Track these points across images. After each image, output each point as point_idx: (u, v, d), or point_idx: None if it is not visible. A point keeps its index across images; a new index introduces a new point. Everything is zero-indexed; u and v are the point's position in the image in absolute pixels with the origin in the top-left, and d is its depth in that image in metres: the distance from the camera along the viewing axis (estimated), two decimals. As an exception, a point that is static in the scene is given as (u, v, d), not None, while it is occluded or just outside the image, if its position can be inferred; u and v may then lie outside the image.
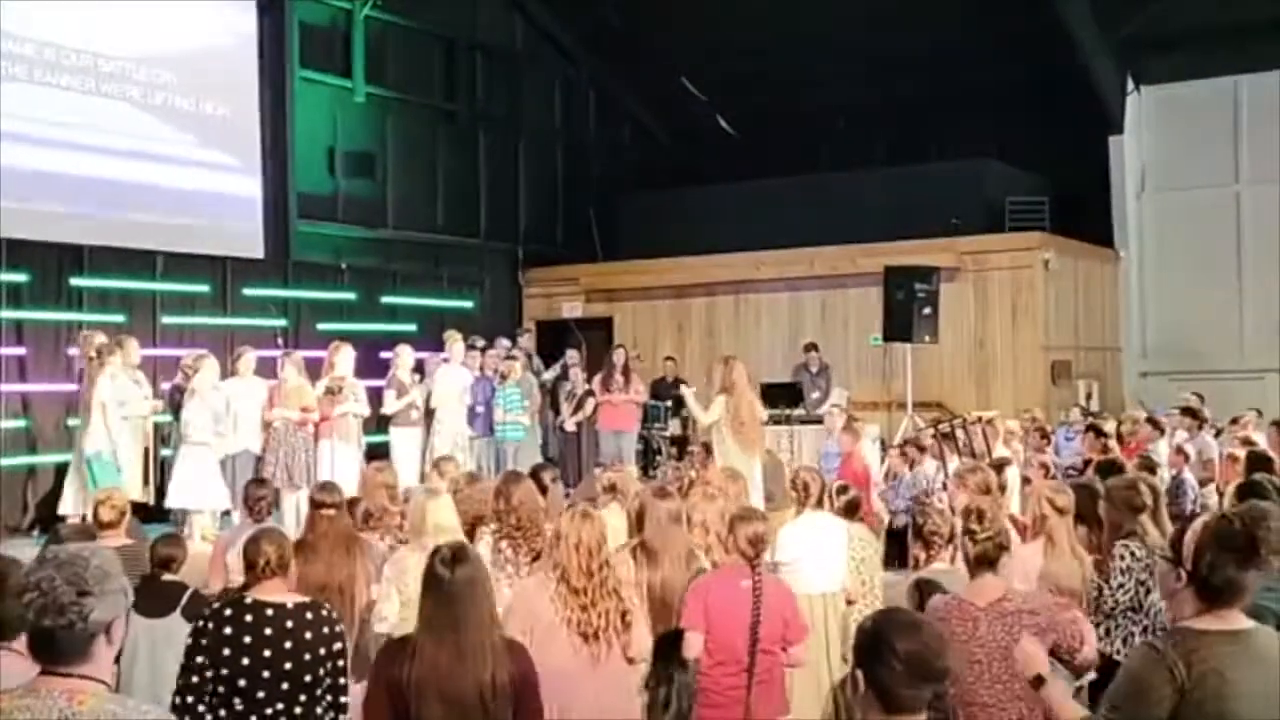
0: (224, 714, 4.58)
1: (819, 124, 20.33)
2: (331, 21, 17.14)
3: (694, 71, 20.47)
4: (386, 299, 16.86)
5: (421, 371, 13.81)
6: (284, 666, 4.58)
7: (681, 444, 15.93)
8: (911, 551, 8.22)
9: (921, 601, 5.22)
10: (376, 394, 12.89)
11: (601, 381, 14.59)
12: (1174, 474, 10.10)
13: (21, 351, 12.55)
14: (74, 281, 13.10)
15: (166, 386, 11.88)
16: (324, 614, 4.77)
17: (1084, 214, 18.59)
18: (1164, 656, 3.26)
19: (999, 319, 16.87)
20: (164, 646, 5.69)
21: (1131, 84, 18.96)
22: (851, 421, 13.58)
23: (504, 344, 15.34)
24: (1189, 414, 12.37)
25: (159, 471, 11.56)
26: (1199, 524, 3.46)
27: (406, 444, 12.74)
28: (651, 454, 15.85)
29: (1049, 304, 16.93)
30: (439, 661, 3.99)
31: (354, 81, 17.13)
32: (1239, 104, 18.37)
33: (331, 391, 11.71)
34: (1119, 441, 11.72)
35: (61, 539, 7.70)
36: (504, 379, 13.51)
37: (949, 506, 6.88)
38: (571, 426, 14.96)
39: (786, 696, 5.74)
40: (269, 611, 4.66)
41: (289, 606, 4.71)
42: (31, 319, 12.71)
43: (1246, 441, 10.42)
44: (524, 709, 4.15)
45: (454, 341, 13.78)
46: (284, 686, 4.57)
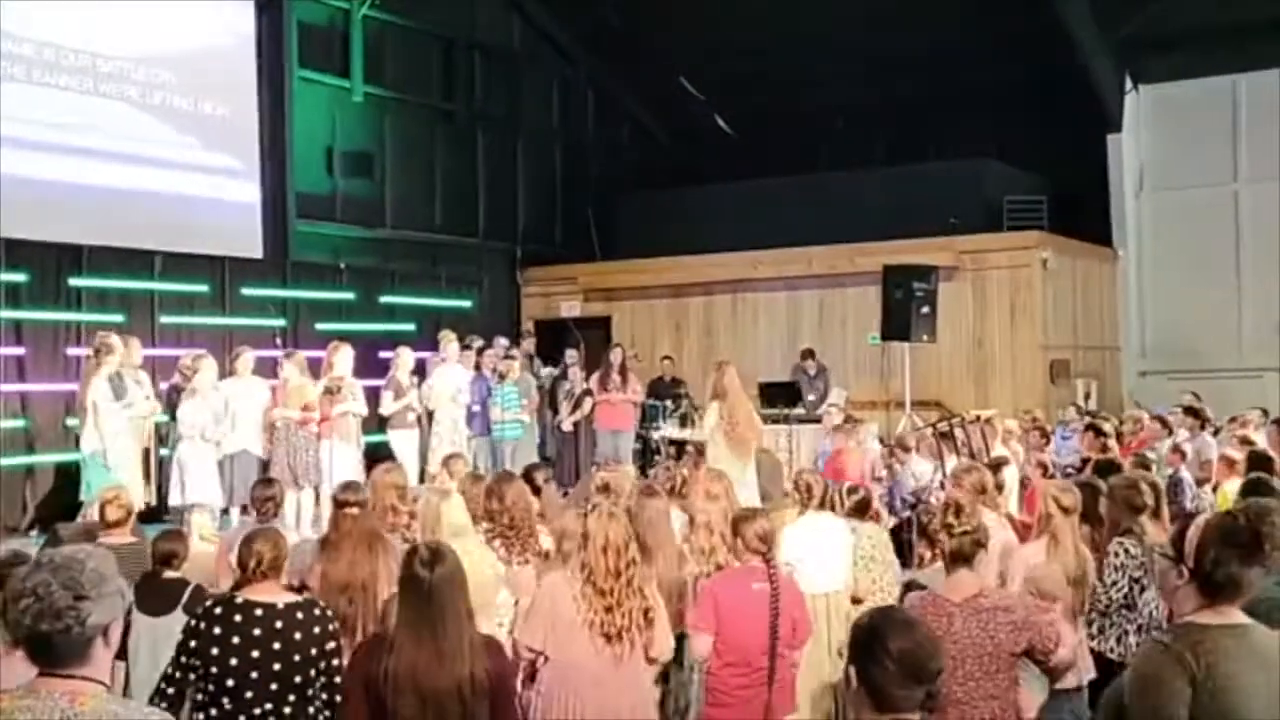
0: (214, 713, 4.59)
1: (817, 123, 20.34)
2: (330, 21, 17.15)
3: (692, 71, 20.47)
4: (385, 299, 16.85)
5: (421, 373, 13.80)
6: (272, 667, 4.57)
7: (680, 444, 15.93)
8: (916, 550, 8.22)
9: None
10: (375, 394, 12.89)
11: (599, 381, 14.59)
12: (1171, 472, 10.11)
13: (20, 351, 12.53)
14: (73, 281, 13.07)
15: (165, 386, 11.86)
16: (316, 614, 4.75)
17: (1082, 213, 18.60)
18: (1172, 651, 3.25)
19: (997, 318, 16.87)
20: (166, 644, 5.66)
21: (1130, 83, 18.96)
22: (850, 421, 13.62)
23: (502, 343, 15.34)
24: (1191, 413, 12.37)
25: (158, 471, 11.54)
26: (1201, 520, 3.45)
27: (404, 445, 12.74)
28: (650, 453, 15.84)
29: (1047, 303, 16.93)
30: (417, 659, 4.00)
31: (352, 81, 17.15)
32: (1237, 103, 18.39)
33: (330, 391, 11.71)
34: (1118, 441, 11.71)
35: (60, 540, 7.73)
36: (502, 378, 13.51)
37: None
38: (569, 426, 14.96)
39: (795, 696, 5.76)
40: (258, 612, 4.65)
41: (279, 607, 4.69)
42: (30, 319, 12.68)
43: (1245, 441, 10.41)
44: (499, 705, 4.17)
45: (449, 341, 13.77)
46: (272, 687, 4.57)
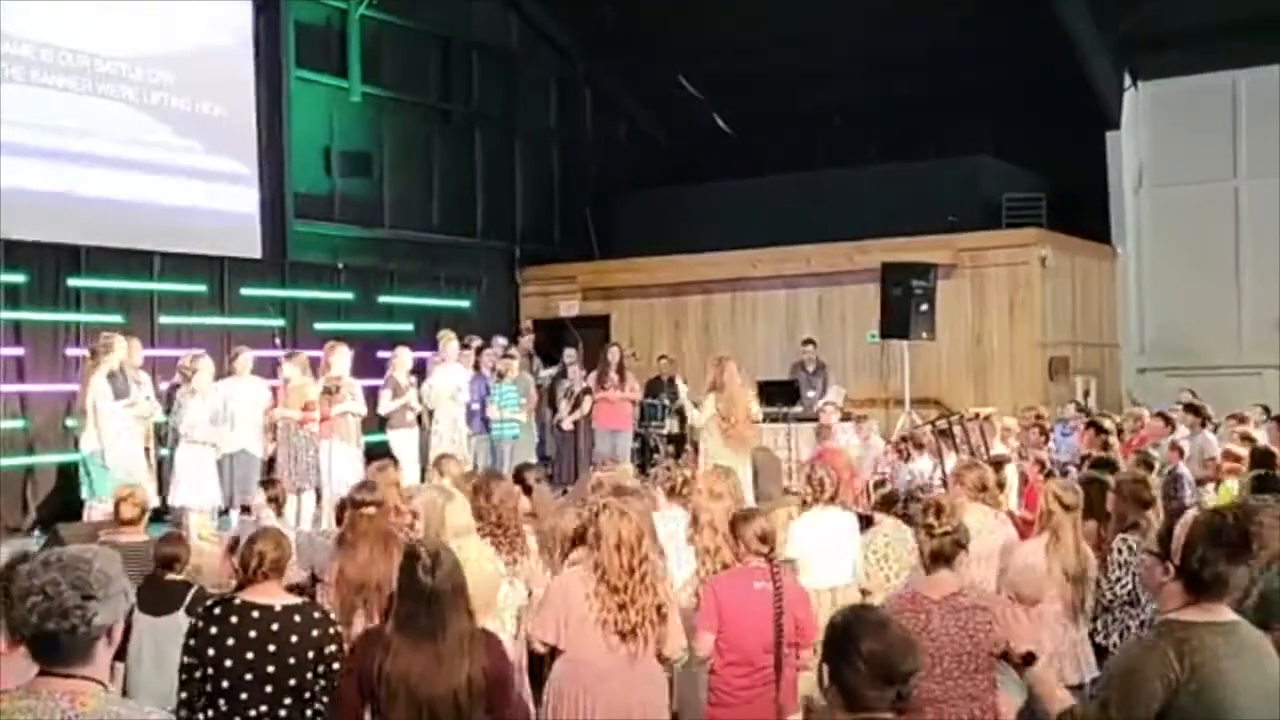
0: (210, 714, 4.59)
1: (816, 122, 20.34)
2: (327, 21, 17.13)
3: (691, 70, 20.45)
4: (383, 298, 16.83)
5: (420, 373, 13.80)
6: (267, 669, 4.56)
7: (679, 442, 15.93)
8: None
9: None
10: (374, 393, 12.89)
11: (596, 380, 14.59)
12: (1170, 469, 10.11)
13: (20, 352, 12.52)
14: (71, 282, 13.06)
15: (164, 386, 11.86)
16: (315, 617, 4.74)
17: (1081, 211, 18.60)
18: (1156, 648, 3.25)
19: (996, 316, 16.87)
20: (168, 645, 5.69)
21: (1129, 80, 18.96)
22: (847, 419, 13.63)
23: (501, 342, 15.34)
24: (1191, 411, 12.37)
25: (157, 471, 11.54)
26: (1188, 517, 3.45)
27: (404, 445, 12.74)
28: (649, 452, 15.84)
29: (1046, 301, 16.93)
30: (413, 665, 3.99)
31: (350, 81, 17.13)
32: (1237, 100, 18.37)
33: (329, 391, 11.71)
34: (1118, 438, 11.71)
35: (62, 540, 7.74)
36: (501, 377, 13.52)
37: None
38: (569, 425, 14.96)
39: (797, 695, 5.76)
40: (255, 613, 4.65)
41: (276, 608, 4.68)
42: (29, 319, 12.67)
43: (1246, 438, 10.42)
44: (498, 698, 4.15)
45: (448, 341, 13.78)
46: (267, 689, 4.56)
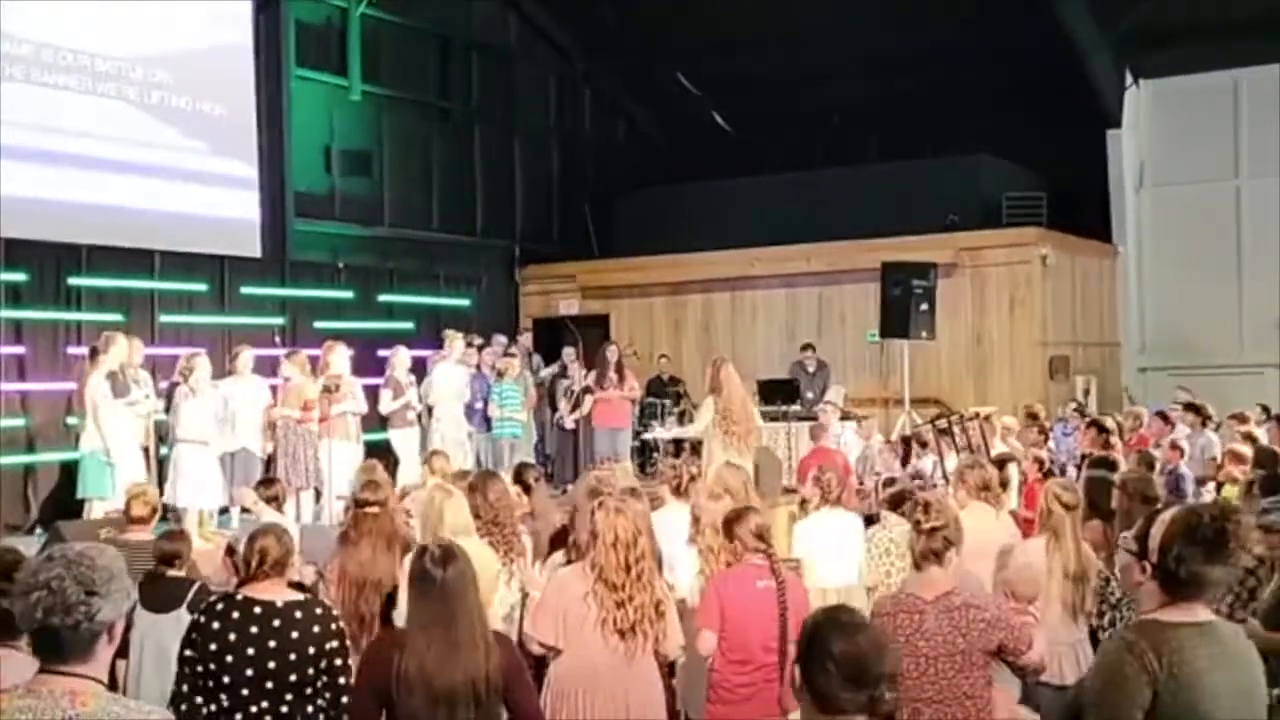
0: (211, 709, 4.58)
1: (816, 121, 20.33)
2: (327, 20, 17.13)
3: (690, 69, 20.46)
4: (383, 297, 16.83)
5: (420, 371, 13.81)
6: (268, 665, 4.55)
7: (678, 441, 15.93)
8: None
9: None
10: (374, 392, 12.90)
11: (596, 379, 14.61)
12: (1170, 468, 10.11)
13: (20, 350, 12.52)
14: (72, 281, 13.05)
15: (164, 385, 11.87)
16: (318, 614, 4.71)
17: (1082, 209, 18.59)
18: (1135, 648, 3.23)
19: (996, 315, 16.87)
20: (170, 642, 5.68)
21: (1130, 78, 18.95)
22: (847, 418, 13.64)
23: (501, 341, 15.35)
24: (1192, 410, 12.37)
25: (159, 471, 11.54)
26: (1166, 516, 3.41)
27: (405, 444, 12.76)
28: (648, 451, 15.85)
29: (1047, 300, 16.93)
30: (427, 659, 3.99)
31: (350, 80, 17.12)
32: (1238, 98, 18.36)
33: (329, 390, 11.72)
34: (1119, 437, 11.72)
35: (63, 538, 7.74)
36: (501, 376, 13.53)
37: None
38: (570, 423, 14.97)
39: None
40: (257, 610, 4.63)
41: (278, 605, 4.66)
42: (30, 318, 12.67)
43: (1248, 437, 10.42)
44: (516, 698, 4.16)
45: (454, 340, 13.79)
46: (268, 685, 4.54)
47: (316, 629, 4.65)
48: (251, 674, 4.54)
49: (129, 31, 13.91)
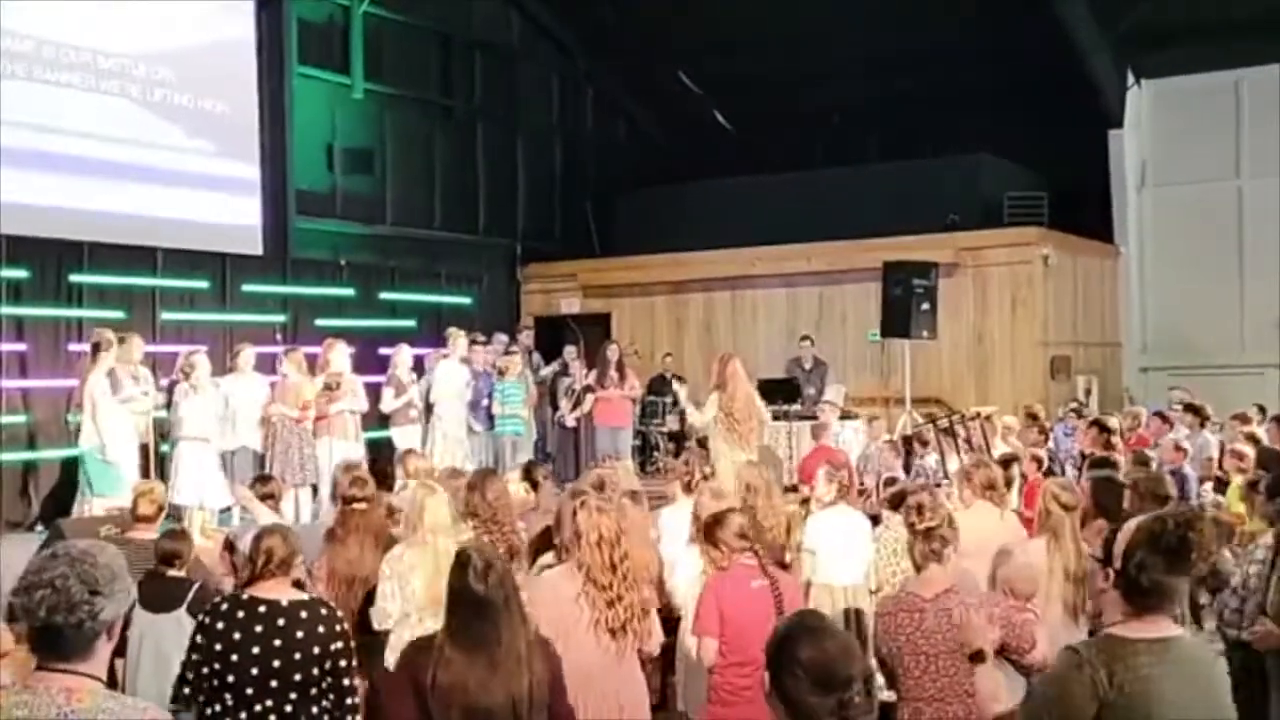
0: (216, 708, 4.58)
1: (816, 120, 20.34)
2: (329, 18, 17.14)
3: (691, 69, 20.47)
4: (385, 295, 16.82)
5: (420, 369, 13.82)
6: (272, 664, 4.54)
7: (679, 440, 15.94)
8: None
9: None
10: (375, 390, 12.91)
11: (597, 377, 14.62)
12: (1173, 469, 10.09)
13: (22, 347, 12.52)
14: (74, 278, 13.05)
15: (165, 383, 11.87)
16: (323, 613, 4.71)
17: (1083, 209, 18.60)
18: (1085, 665, 3.19)
19: (998, 315, 16.87)
20: (169, 641, 5.70)
21: (1132, 78, 18.95)
22: (846, 417, 13.64)
23: (501, 339, 15.35)
24: (1191, 410, 12.37)
25: (159, 467, 11.54)
26: (1132, 524, 3.38)
27: (407, 441, 12.74)
28: (649, 450, 15.86)
29: (1048, 300, 16.93)
30: (468, 675, 3.86)
31: (352, 78, 17.12)
32: (1240, 98, 18.37)
33: (330, 388, 11.72)
34: (1121, 438, 11.70)
35: (63, 535, 7.74)
36: (502, 374, 13.54)
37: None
38: (571, 422, 14.97)
39: None
40: (261, 609, 4.63)
41: (283, 604, 4.66)
42: (32, 315, 12.67)
43: (1251, 438, 10.41)
44: (556, 710, 4.07)
45: (456, 338, 13.79)
46: (272, 684, 4.54)
47: (321, 629, 4.64)
48: (256, 673, 4.53)
49: (131, 29, 13.91)
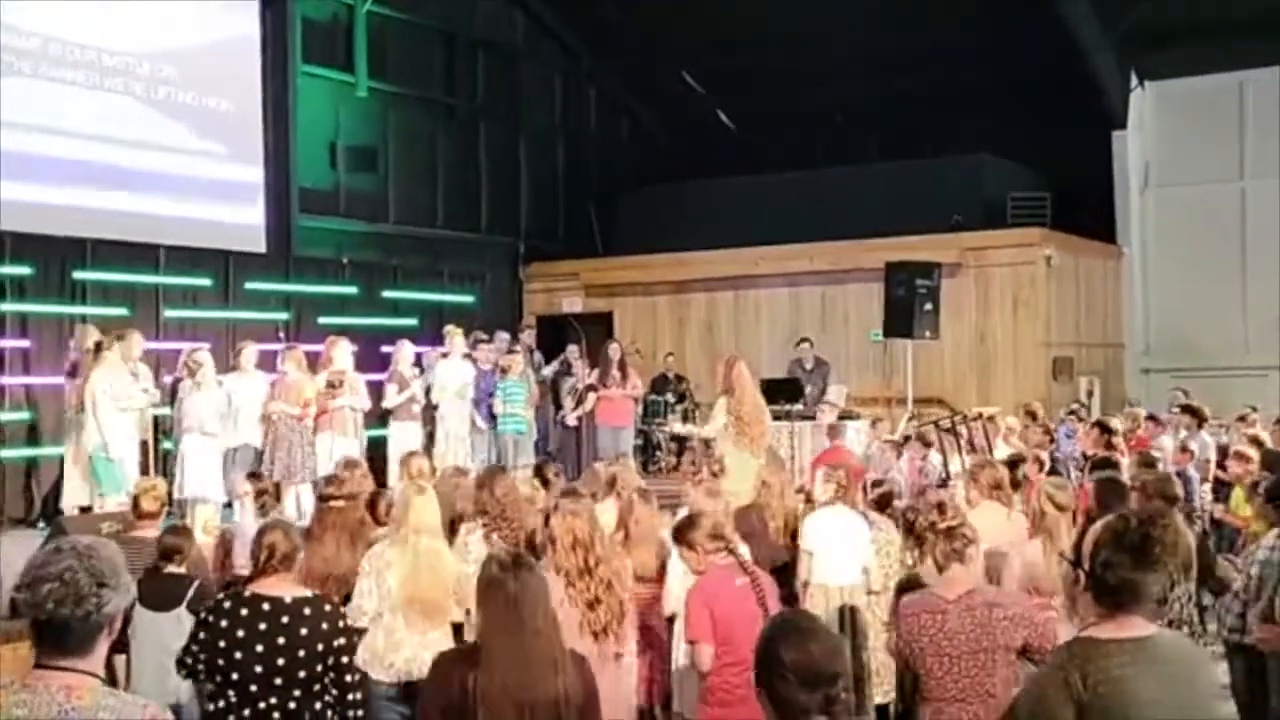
0: (220, 704, 4.59)
1: (819, 120, 20.32)
2: (333, 17, 17.16)
3: (693, 68, 20.46)
4: (388, 293, 16.85)
5: (420, 366, 13.82)
6: (276, 661, 4.55)
7: (682, 439, 15.94)
8: (905, 548, 8.30)
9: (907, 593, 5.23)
10: (377, 388, 12.91)
11: (599, 377, 14.62)
12: (1178, 471, 10.08)
13: (26, 344, 12.56)
14: (77, 275, 13.10)
15: (168, 380, 11.89)
16: (326, 610, 4.72)
17: (1086, 210, 18.59)
18: (1060, 668, 3.20)
19: (1000, 315, 16.86)
20: (169, 640, 5.70)
21: (1135, 79, 18.93)
22: (845, 417, 13.64)
23: (503, 338, 15.35)
24: (1189, 412, 12.36)
25: (162, 465, 11.55)
26: (1099, 525, 3.38)
27: (406, 437, 12.74)
28: (651, 449, 15.86)
29: (1050, 300, 16.92)
30: (509, 671, 3.72)
31: (356, 76, 17.14)
32: (1244, 100, 18.36)
33: (332, 385, 11.74)
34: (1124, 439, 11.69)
35: (65, 531, 7.75)
36: (504, 373, 13.54)
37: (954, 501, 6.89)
38: (573, 421, 14.98)
39: None
40: (265, 605, 4.64)
41: (286, 601, 4.67)
42: (35, 311, 12.72)
43: (1255, 440, 10.40)
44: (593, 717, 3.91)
45: (454, 336, 13.79)
46: (276, 681, 4.55)
47: (325, 626, 4.66)
48: (259, 670, 4.54)
49: (136, 27, 13.93)
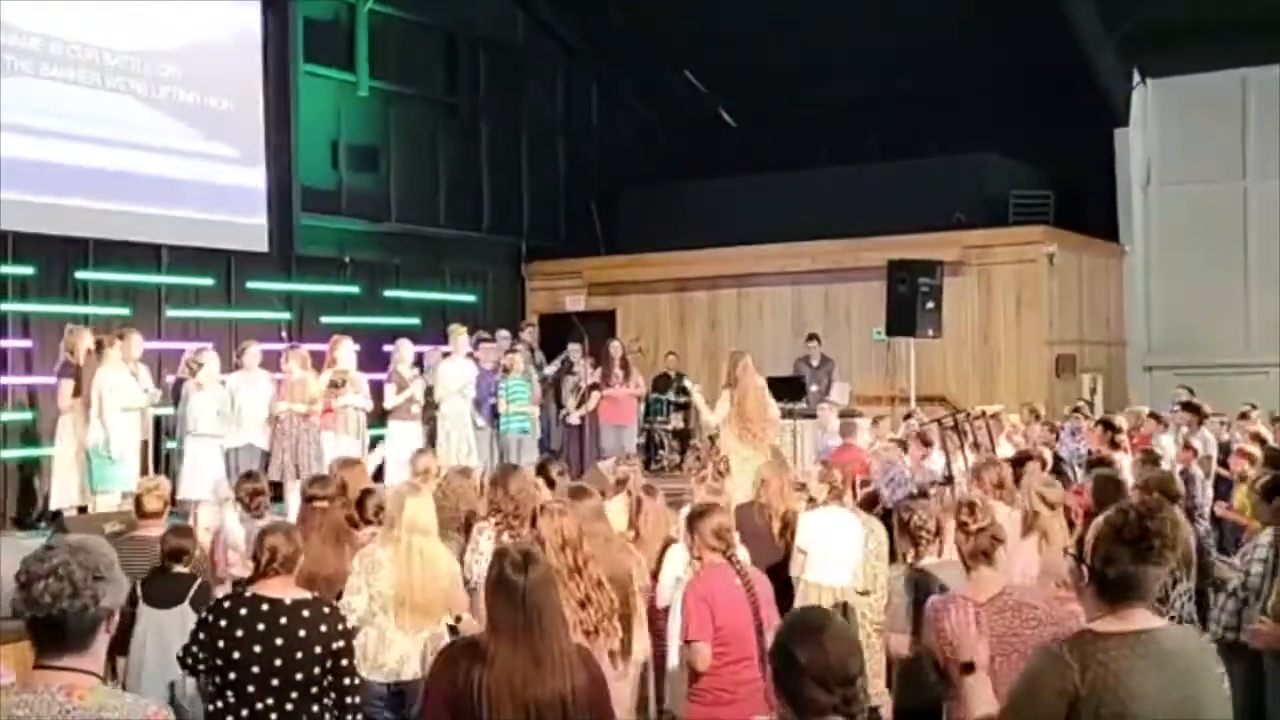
0: (219, 705, 4.60)
1: (821, 118, 20.27)
2: (335, 16, 17.15)
3: (695, 66, 20.44)
4: (390, 292, 16.87)
5: (421, 365, 13.82)
6: (274, 662, 4.56)
7: (684, 438, 15.94)
8: (899, 548, 8.29)
9: (919, 593, 5.21)
10: (379, 387, 12.90)
11: (602, 375, 14.61)
12: (1182, 469, 10.09)
13: (28, 344, 12.56)
14: (79, 275, 13.11)
15: (170, 380, 11.89)
16: (325, 612, 4.73)
17: (1089, 208, 18.58)
18: (1059, 661, 3.18)
19: (1003, 313, 16.84)
20: (172, 637, 5.71)
21: (1138, 77, 18.91)
22: (847, 416, 13.61)
23: (504, 336, 15.35)
24: (1190, 409, 12.35)
25: (163, 464, 11.55)
26: (1100, 519, 3.36)
27: (406, 437, 12.72)
28: (654, 448, 15.85)
29: (1053, 298, 16.90)
30: (515, 669, 3.69)
31: (358, 75, 17.13)
32: (1247, 98, 18.33)
33: (335, 385, 11.74)
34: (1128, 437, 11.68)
35: (66, 530, 7.76)
36: (507, 372, 13.54)
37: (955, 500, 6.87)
38: (576, 419, 14.98)
39: None
40: (264, 607, 4.64)
41: (286, 603, 4.68)
42: (37, 311, 12.72)
43: (1257, 437, 10.40)
44: (604, 715, 3.91)
45: (457, 335, 13.78)
46: (274, 682, 4.56)
47: (324, 628, 4.67)
48: (258, 671, 4.55)
49: (137, 26, 13.93)
